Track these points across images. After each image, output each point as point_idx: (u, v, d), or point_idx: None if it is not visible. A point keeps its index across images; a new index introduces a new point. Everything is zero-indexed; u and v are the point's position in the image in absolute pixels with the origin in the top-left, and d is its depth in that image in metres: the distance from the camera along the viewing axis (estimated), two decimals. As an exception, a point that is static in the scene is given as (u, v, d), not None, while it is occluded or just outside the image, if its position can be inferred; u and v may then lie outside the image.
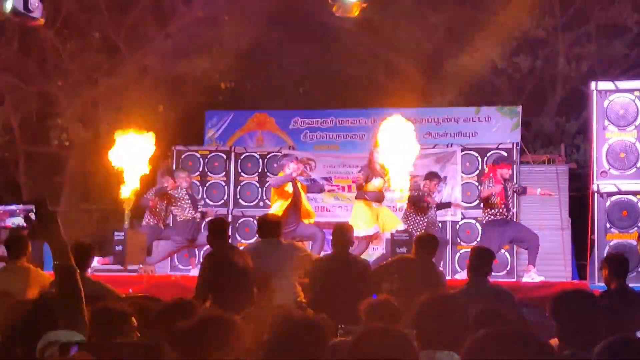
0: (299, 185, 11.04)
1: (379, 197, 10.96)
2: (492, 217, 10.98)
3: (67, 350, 3.24)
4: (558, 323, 4.45)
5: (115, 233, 11.33)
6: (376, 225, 10.89)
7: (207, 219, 12.05)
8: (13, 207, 3.61)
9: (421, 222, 11.30)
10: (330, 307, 7.01)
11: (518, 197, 12.37)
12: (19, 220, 3.58)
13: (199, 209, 12.22)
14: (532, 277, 10.70)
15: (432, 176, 11.60)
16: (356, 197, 11.16)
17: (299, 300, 8.12)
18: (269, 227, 8.58)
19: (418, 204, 11.32)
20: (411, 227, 11.16)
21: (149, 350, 3.30)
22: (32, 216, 3.58)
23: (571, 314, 4.41)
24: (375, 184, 10.86)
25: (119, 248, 11.17)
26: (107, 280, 8.31)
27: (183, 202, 11.90)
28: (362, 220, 10.92)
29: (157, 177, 13.08)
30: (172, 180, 12.08)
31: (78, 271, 3.63)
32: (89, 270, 8.27)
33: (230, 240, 8.90)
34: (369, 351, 3.28)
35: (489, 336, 3.18)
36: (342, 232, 8.54)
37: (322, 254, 10.09)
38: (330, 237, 8.85)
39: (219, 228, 8.45)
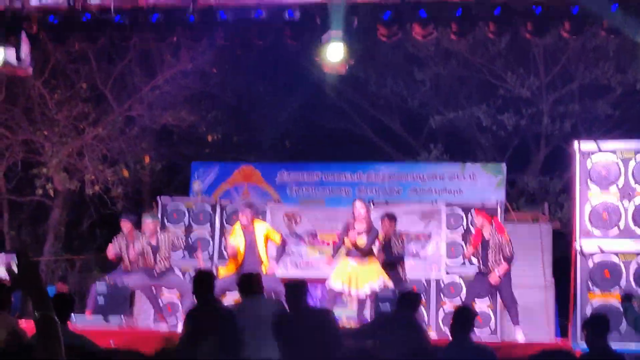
0: (257, 232, 11.08)
1: (354, 254, 10.98)
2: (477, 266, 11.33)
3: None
4: (539, 384, 4.44)
5: (98, 284, 11.28)
6: (345, 285, 10.94)
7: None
8: (-6, 257, 3.61)
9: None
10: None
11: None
12: (0, 271, 3.57)
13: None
14: (518, 338, 10.73)
15: (387, 216, 11.80)
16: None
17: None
18: (249, 284, 8.55)
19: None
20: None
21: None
22: (14, 266, 3.57)
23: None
24: (349, 236, 10.97)
25: (100, 299, 11.11)
26: (89, 332, 8.24)
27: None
28: (334, 274, 11.12)
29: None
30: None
31: (59, 322, 3.61)
32: (71, 320, 8.20)
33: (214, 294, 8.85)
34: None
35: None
36: (294, 288, 8.43)
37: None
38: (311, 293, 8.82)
39: (204, 281, 8.40)
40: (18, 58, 11.22)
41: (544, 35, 11.03)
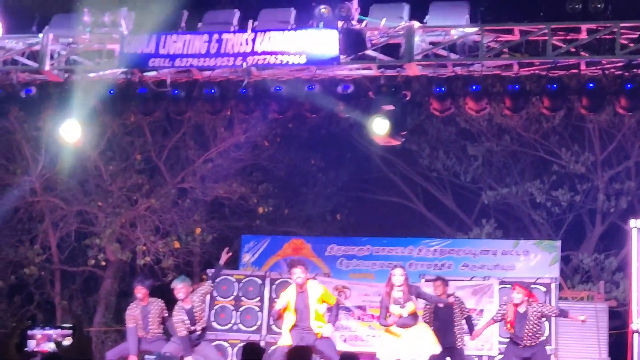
0: (310, 293, 10.65)
1: (399, 322, 10.77)
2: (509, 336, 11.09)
3: None
4: None
5: (146, 357, 11.23)
6: (393, 357, 10.62)
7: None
8: (50, 331, 3.61)
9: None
10: None
11: (557, 334, 12.29)
12: (52, 346, 3.57)
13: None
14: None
15: (440, 279, 11.70)
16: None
17: None
18: (298, 357, 8.45)
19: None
20: None
21: None
22: (66, 341, 3.57)
23: None
24: (392, 310, 10.71)
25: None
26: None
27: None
28: (382, 347, 10.81)
29: None
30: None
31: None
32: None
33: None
34: None
35: None
36: None
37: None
38: None
39: (253, 354, 8.32)
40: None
41: (599, 111, 10.95)
